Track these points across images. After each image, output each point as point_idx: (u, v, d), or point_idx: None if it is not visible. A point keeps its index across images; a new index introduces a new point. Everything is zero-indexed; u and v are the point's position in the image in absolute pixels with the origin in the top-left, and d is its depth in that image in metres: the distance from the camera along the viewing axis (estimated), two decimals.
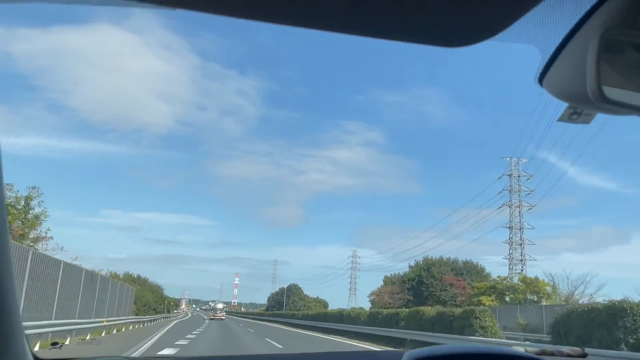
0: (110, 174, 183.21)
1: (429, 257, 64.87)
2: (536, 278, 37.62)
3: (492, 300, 39.44)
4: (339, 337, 29.30)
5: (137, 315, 41.67)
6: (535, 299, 37.35)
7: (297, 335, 31.03)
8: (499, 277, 41.53)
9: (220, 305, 72.21)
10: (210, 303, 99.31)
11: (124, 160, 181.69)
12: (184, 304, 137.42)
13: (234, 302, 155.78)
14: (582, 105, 0.83)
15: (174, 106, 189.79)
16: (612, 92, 0.77)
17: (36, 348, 10.21)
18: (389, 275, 70.99)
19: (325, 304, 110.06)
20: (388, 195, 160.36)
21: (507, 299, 40.39)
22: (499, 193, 58.74)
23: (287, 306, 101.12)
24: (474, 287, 45.68)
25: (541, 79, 0.85)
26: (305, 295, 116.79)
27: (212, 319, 61.18)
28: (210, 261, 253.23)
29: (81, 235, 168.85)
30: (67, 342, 14.80)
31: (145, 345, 16.69)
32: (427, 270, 60.98)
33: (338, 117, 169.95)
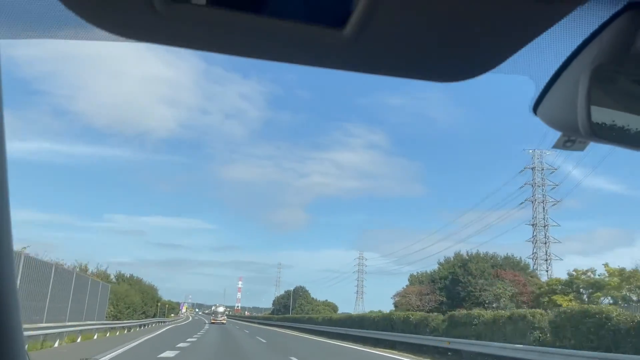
0: (113, 178, 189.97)
1: (461, 253, 55.76)
2: (636, 270, 28.58)
3: (570, 300, 30.51)
4: (396, 352, 20.40)
5: (117, 319, 33.26)
6: (635, 298, 28.41)
7: (332, 350, 22.06)
8: (575, 270, 32.64)
9: (221, 309, 68.44)
10: (212, 307, 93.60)
11: (127, 165, 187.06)
12: (184, 307, 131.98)
13: (238, 307, 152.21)
14: (574, 135, 0.86)
15: (177, 110, 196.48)
16: (601, 126, 0.80)
17: None
18: (415, 274, 62.23)
19: (334, 308, 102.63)
20: (392, 197, 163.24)
21: (585, 297, 31.54)
22: (520, 188, 53.96)
23: (293, 309, 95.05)
24: (545, 284, 36.65)
25: (535, 108, 0.89)
26: (313, 298, 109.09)
27: (213, 323, 59.08)
28: (214, 265, 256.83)
29: (86, 240, 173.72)
30: None
31: None
32: (463, 267, 52.15)
33: (341, 119, 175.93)
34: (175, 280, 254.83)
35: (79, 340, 18.47)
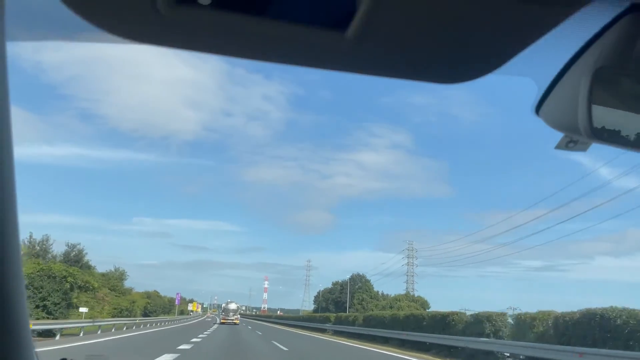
0: (140, 182, 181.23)
1: None
2: None
3: None
4: None
5: None
6: None
7: None
8: None
9: (233, 306, 54.38)
10: (223, 304, 67.98)
11: (153, 168, 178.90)
12: (192, 306, 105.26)
13: (264, 307, 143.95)
14: (576, 136, 0.87)
15: (201, 112, 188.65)
16: (602, 128, 0.80)
17: None
18: None
19: (425, 304, 62.87)
20: (417, 198, 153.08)
21: None
22: None
23: (351, 307, 67.08)
24: None
25: (538, 109, 0.90)
26: (377, 292, 70.63)
27: (224, 323, 50.00)
28: (239, 267, 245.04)
29: (114, 242, 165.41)
30: None
31: None
32: None
33: (364, 119, 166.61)
34: (202, 282, 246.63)
35: None
